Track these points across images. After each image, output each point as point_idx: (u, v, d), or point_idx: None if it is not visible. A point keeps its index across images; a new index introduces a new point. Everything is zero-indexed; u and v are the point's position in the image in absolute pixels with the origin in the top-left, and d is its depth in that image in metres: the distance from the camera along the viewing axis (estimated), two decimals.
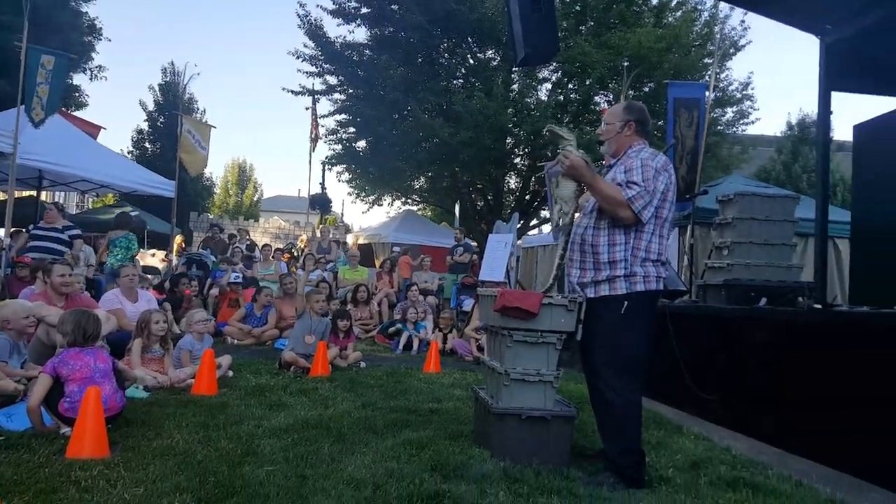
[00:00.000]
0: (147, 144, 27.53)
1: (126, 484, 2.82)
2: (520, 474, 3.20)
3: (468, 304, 9.59)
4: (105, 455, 3.21)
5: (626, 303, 3.27)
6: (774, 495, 3.07)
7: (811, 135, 20.30)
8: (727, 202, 5.99)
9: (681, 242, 7.79)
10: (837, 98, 5.97)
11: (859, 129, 5.65)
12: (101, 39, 20.16)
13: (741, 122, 17.92)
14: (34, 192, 12.94)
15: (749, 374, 4.59)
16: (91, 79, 20.21)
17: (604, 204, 3.29)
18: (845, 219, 6.56)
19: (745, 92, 17.49)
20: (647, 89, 16.49)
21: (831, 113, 5.97)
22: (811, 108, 22.75)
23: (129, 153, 26.77)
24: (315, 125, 20.93)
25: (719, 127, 17.03)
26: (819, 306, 4.32)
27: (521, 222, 18.14)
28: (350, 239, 22.12)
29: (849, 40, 5.70)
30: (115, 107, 79.64)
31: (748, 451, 4.02)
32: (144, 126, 27.82)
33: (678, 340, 4.76)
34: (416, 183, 21.89)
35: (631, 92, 15.95)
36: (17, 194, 9.93)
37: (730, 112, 17.60)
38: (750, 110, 17.77)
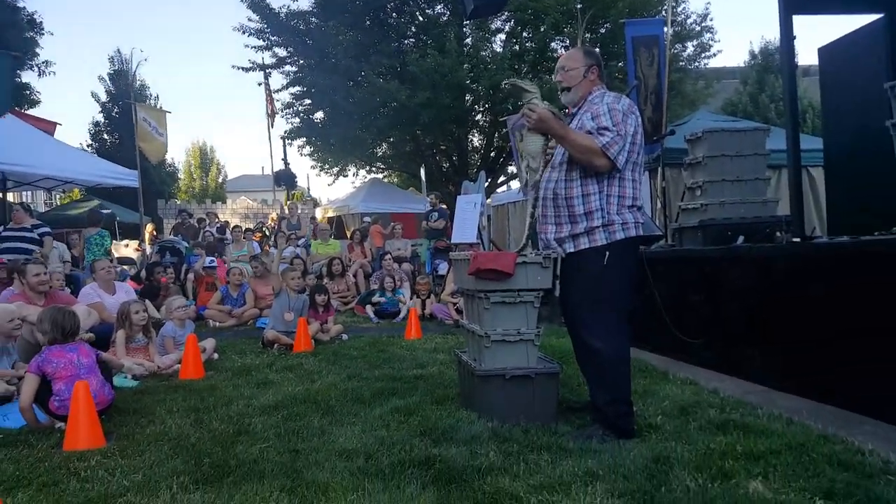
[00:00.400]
0: (105, 136, 26.93)
1: (124, 471, 2.89)
2: (508, 433, 3.21)
3: (444, 268, 9.53)
4: (101, 445, 3.28)
5: (607, 253, 3.20)
6: (766, 434, 3.05)
7: (775, 63, 20.24)
8: (696, 141, 5.90)
9: (652, 186, 7.73)
10: (799, 21, 5.85)
11: (824, 52, 5.53)
12: (42, 34, 19.65)
13: (703, 55, 17.85)
14: None
15: (731, 314, 4.56)
16: (39, 75, 20.03)
17: (577, 154, 3.16)
18: (817, 146, 6.52)
19: (703, 24, 17.38)
20: (603, 30, 16.29)
21: (794, 38, 5.85)
22: (773, 36, 22.69)
23: (88, 146, 26.22)
24: (270, 100, 20.41)
25: (681, 63, 16.93)
26: (798, 240, 4.26)
27: (489, 180, 17.98)
28: (319, 213, 21.83)
29: None
30: (68, 101, 77.18)
31: (735, 392, 4.02)
32: (100, 118, 27.17)
33: (657, 286, 4.70)
34: (378, 150, 21.60)
35: (587, 35, 15.72)
36: None
37: (690, 47, 17.49)
38: (710, 43, 17.71)
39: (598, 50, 3.57)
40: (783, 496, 2.38)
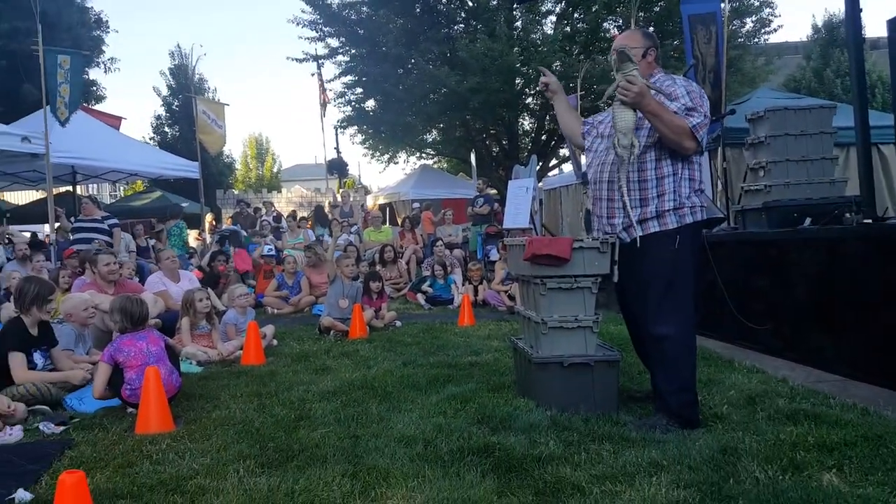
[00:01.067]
0: (166, 129, 27.73)
1: (193, 455, 2.98)
2: (568, 422, 3.18)
3: (495, 254, 9.48)
4: (170, 429, 3.41)
5: (678, 237, 3.12)
6: (840, 425, 2.93)
7: (840, 36, 19.31)
8: (757, 120, 5.65)
9: (712, 167, 7.47)
10: None
11: (894, 24, 5.22)
12: (108, 32, 20.41)
13: (763, 31, 17.05)
14: (70, 188, 13.38)
15: (799, 299, 4.38)
16: (105, 72, 20.79)
17: (670, 135, 3.04)
18: (888, 122, 6.17)
19: None
20: (657, 9, 15.77)
21: (861, 10, 5.55)
22: (838, 8, 21.65)
23: (150, 139, 27.11)
24: (323, 90, 20.68)
25: (740, 39, 16.26)
26: (869, 221, 4.05)
27: (540, 164, 17.77)
28: (370, 200, 22.05)
29: None
30: (132, 96, 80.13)
31: (806, 380, 3.89)
32: (161, 111, 28.01)
33: (720, 271, 4.55)
34: (428, 136, 21.60)
35: (641, 14, 15.26)
36: (54, 191, 10.36)
37: (749, 22, 16.75)
38: (770, 18, 16.87)
39: (652, 30, 3.43)
40: (860, 490, 2.28)
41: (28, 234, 12.73)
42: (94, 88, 20.79)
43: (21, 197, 21.73)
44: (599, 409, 3.31)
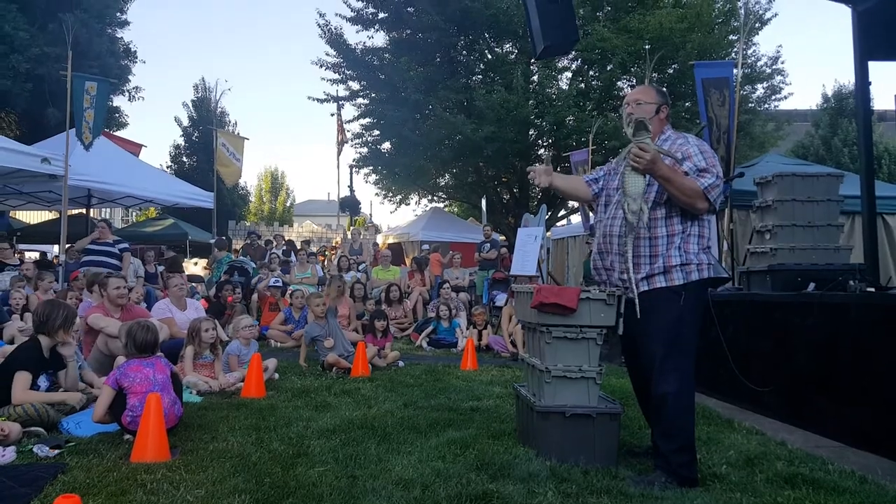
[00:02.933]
0: (184, 158, 28.28)
1: (188, 486, 2.97)
2: (567, 473, 3.17)
3: (500, 299, 9.53)
4: (166, 459, 3.37)
5: (683, 293, 3.16)
6: (837, 492, 2.94)
7: (849, 106, 19.65)
8: (766, 184, 5.77)
9: (719, 227, 7.57)
10: (875, 66, 5.72)
11: None
12: (136, 62, 20.98)
13: (773, 97, 17.44)
14: (83, 210, 13.55)
15: (801, 363, 4.41)
16: (130, 100, 21.17)
17: (681, 196, 3.10)
18: (893, 193, 6.28)
19: (774, 66, 17.01)
20: (671, 70, 16.15)
21: (870, 83, 5.73)
22: (847, 79, 22.11)
23: (168, 168, 27.58)
24: (341, 130, 21.10)
25: (750, 104, 16.59)
26: (872, 289, 4.11)
27: (549, 213, 17.94)
28: (380, 239, 22.24)
29: (882, 7, 5.45)
30: (153, 124, 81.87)
31: (804, 444, 3.89)
32: (181, 141, 28.59)
33: (723, 330, 4.60)
34: (441, 180, 21.92)
35: (655, 75, 15.64)
36: (67, 213, 10.50)
37: (760, 88, 17.13)
38: (781, 85, 17.28)
39: (666, 89, 3.55)
40: None
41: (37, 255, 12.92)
42: (118, 115, 21.21)
43: (33, 216, 22.02)
44: (599, 461, 3.31)
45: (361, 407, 4.74)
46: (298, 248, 13.81)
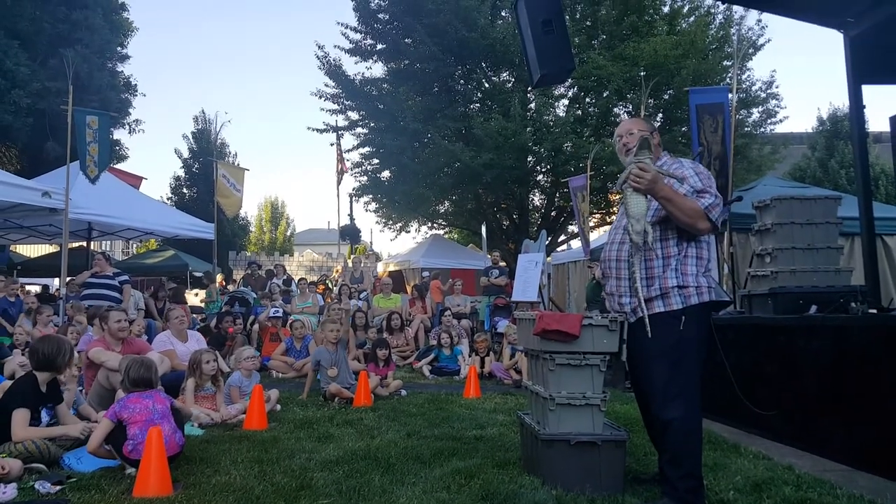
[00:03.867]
0: (185, 190, 28.35)
1: None
2: (573, 502, 3.15)
3: (502, 325, 9.51)
4: (169, 493, 3.33)
5: (683, 318, 3.13)
6: None
7: (845, 128, 19.86)
8: (764, 207, 5.82)
9: (719, 250, 7.61)
10: (869, 89, 5.80)
11: None
12: (136, 95, 21.26)
13: (769, 121, 17.61)
14: (84, 243, 13.56)
15: (806, 386, 4.40)
16: (130, 133, 21.35)
17: (684, 218, 3.10)
18: (892, 214, 6.32)
19: (769, 91, 17.22)
20: (666, 97, 16.35)
21: (864, 106, 5.80)
22: (842, 101, 22.36)
23: (168, 199, 27.70)
24: (340, 160, 21.28)
25: (746, 128, 16.77)
26: (874, 311, 4.12)
27: (549, 239, 18.01)
28: (380, 267, 22.26)
29: (874, 32, 5.53)
30: (154, 157, 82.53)
31: (812, 469, 3.86)
32: (181, 173, 28.70)
33: (727, 354, 4.59)
34: (441, 207, 22.03)
35: (650, 101, 15.83)
36: (68, 246, 10.51)
37: (756, 113, 17.32)
38: (777, 109, 17.47)
39: (658, 117, 3.59)
40: None
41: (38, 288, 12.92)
42: (118, 148, 21.36)
43: (33, 250, 22.06)
44: (605, 489, 3.28)
45: (364, 437, 4.71)
46: (298, 279, 13.83)
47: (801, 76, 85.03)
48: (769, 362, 4.82)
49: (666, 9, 17.36)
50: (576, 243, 19.03)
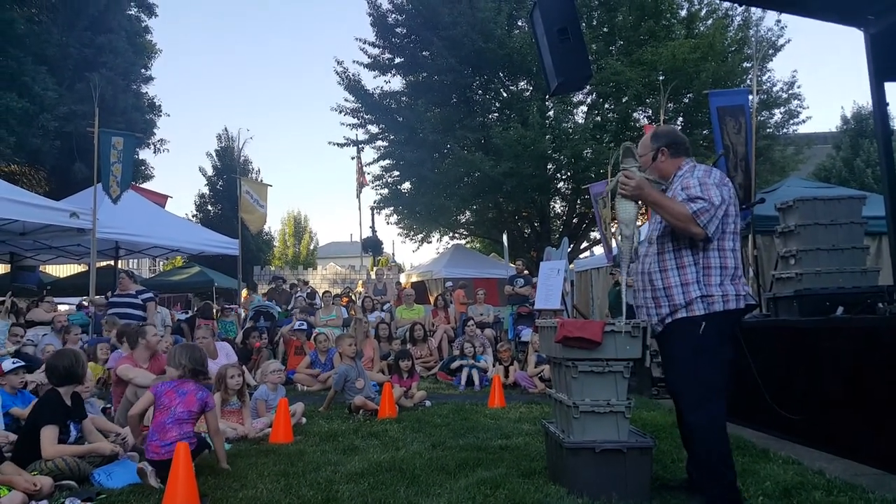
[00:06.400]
0: (209, 207, 28.87)
1: None
2: None
3: (526, 334, 9.48)
4: None
5: (703, 324, 3.14)
6: None
7: (869, 127, 19.55)
8: (787, 209, 5.75)
9: (743, 253, 7.52)
10: (892, 87, 5.71)
11: None
12: (160, 115, 21.67)
13: (791, 122, 17.40)
14: (111, 262, 13.81)
15: (834, 389, 4.33)
16: (155, 152, 21.84)
17: (673, 221, 3.16)
18: None
19: (791, 91, 17.02)
20: (686, 100, 16.23)
21: (887, 104, 5.71)
22: (866, 101, 22.05)
23: (193, 217, 28.19)
24: (361, 173, 21.48)
25: (768, 130, 16.58)
26: None
27: (571, 246, 17.93)
28: (403, 278, 22.35)
29: (895, 29, 5.45)
30: (179, 175, 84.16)
31: (843, 473, 3.79)
32: (205, 190, 29.26)
33: (753, 358, 4.53)
34: (462, 217, 22.08)
35: (670, 105, 15.73)
36: (96, 265, 10.63)
37: (778, 114, 17.12)
38: (799, 109, 17.27)
39: (679, 121, 3.58)
40: None
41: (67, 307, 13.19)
42: (143, 168, 21.83)
43: (62, 270, 22.50)
44: (632, 498, 3.26)
45: (389, 449, 4.71)
46: (322, 292, 13.94)
47: (823, 75, 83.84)
48: (796, 366, 4.75)
49: (683, 12, 17.29)
50: (598, 250, 18.93)
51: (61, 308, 14.00)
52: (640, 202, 3.27)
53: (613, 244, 4.38)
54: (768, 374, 4.81)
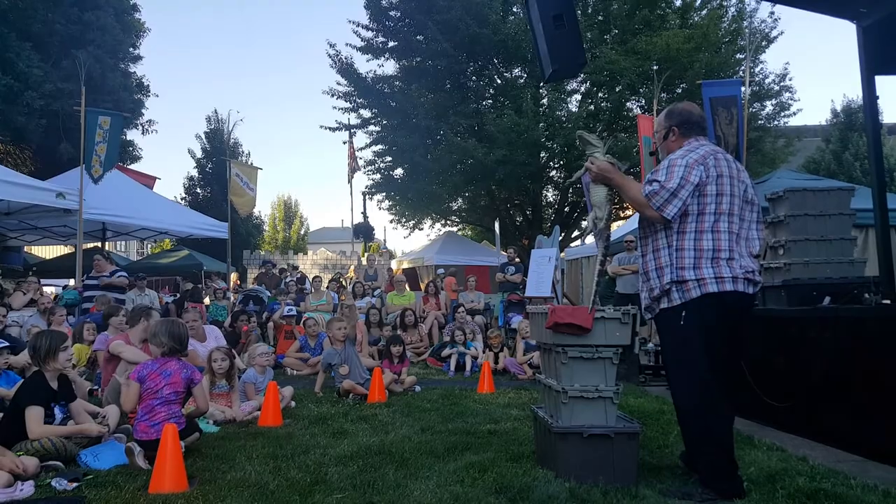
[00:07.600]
0: (198, 190, 28.62)
1: None
2: (587, 494, 3.15)
3: (516, 321, 9.53)
4: (184, 489, 3.35)
5: (683, 313, 3.17)
6: None
7: (859, 121, 19.69)
8: (777, 199, 5.79)
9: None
10: (882, 80, 5.75)
11: None
12: (149, 96, 21.36)
13: (782, 114, 17.46)
14: (98, 244, 13.72)
15: (819, 377, 4.39)
16: (143, 133, 21.45)
17: (633, 205, 3.27)
18: None
19: (782, 84, 17.07)
20: (679, 90, 16.25)
21: (877, 97, 5.75)
22: (855, 94, 22.17)
23: (182, 199, 27.94)
24: (353, 158, 21.36)
25: (760, 121, 16.63)
26: (888, 301, 4.10)
27: (563, 234, 17.98)
28: (394, 264, 22.35)
29: (887, 22, 5.48)
30: (167, 157, 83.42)
31: (826, 460, 3.85)
32: (194, 173, 29.01)
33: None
34: (454, 204, 22.06)
35: (663, 95, 15.73)
36: (83, 246, 10.58)
37: (769, 105, 17.17)
38: (790, 102, 17.32)
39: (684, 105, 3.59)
40: None
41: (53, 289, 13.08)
42: (131, 149, 21.52)
43: (48, 251, 22.32)
44: (619, 481, 3.30)
45: (378, 433, 4.73)
46: (312, 277, 13.91)
47: (814, 68, 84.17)
48: (783, 354, 4.81)
49: (678, 2, 17.26)
50: (589, 239, 19.00)
51: (47, 290, 13.93)
52: (611, 186, 3.36)
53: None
54: (755, 362, 4.87)
